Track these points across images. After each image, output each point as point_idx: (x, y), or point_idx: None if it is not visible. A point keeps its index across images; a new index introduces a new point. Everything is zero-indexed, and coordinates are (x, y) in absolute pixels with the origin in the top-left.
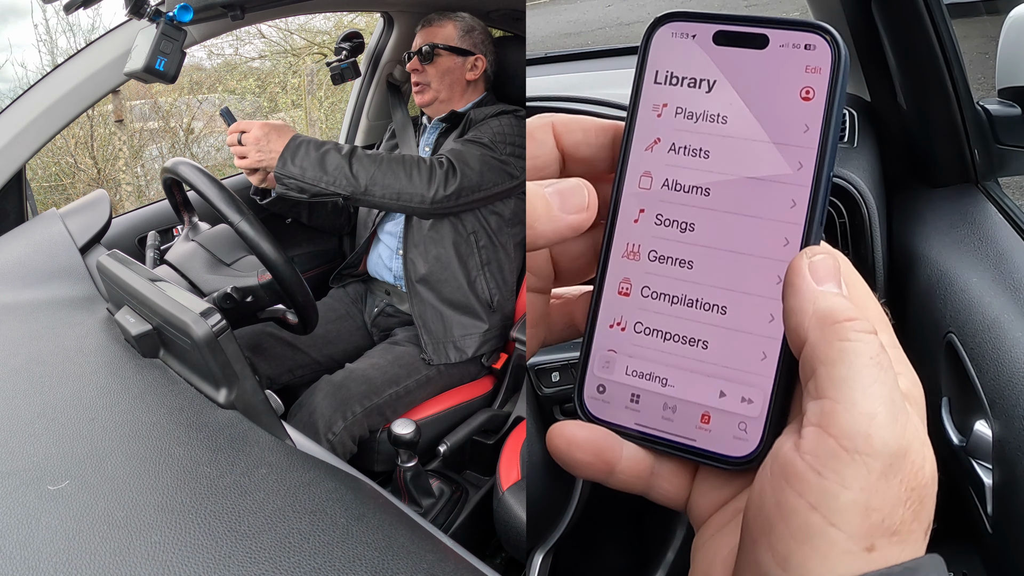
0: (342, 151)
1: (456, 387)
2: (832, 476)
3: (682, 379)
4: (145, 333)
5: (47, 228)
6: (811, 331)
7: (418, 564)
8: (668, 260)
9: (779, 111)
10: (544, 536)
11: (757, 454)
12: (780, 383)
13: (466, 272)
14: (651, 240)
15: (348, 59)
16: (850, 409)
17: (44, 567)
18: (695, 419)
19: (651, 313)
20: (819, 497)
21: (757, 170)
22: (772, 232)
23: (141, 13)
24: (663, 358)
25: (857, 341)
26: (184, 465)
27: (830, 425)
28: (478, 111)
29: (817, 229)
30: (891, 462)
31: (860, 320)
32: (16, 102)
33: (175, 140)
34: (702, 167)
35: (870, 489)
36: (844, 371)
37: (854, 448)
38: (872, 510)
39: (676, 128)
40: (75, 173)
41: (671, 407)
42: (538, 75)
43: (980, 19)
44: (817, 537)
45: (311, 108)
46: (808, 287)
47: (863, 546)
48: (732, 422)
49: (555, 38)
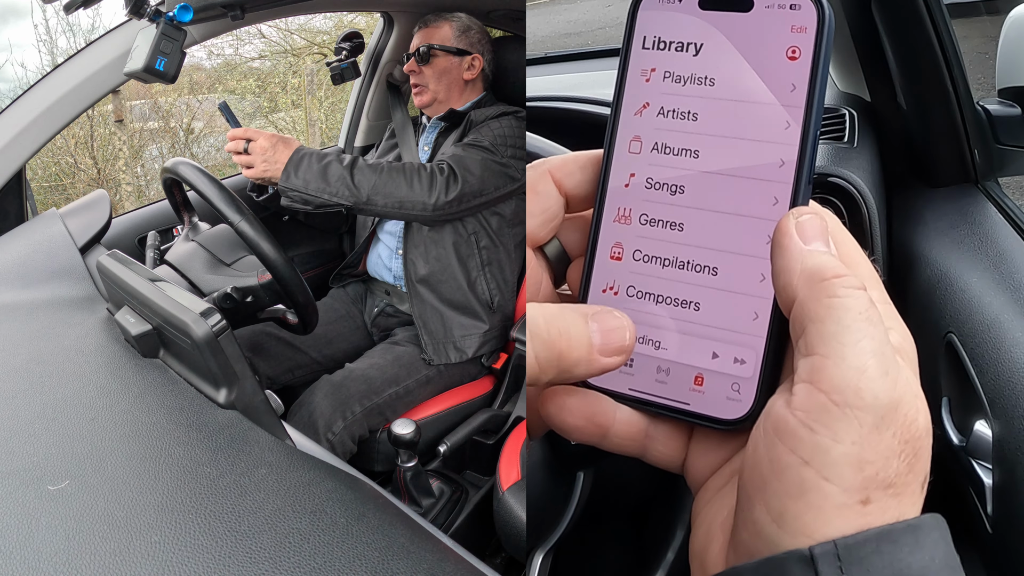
0: (343, 162)
1: (456, 387)
2: (824, 431)
3: (675, 342)
4: (145, 333)
5: (47, 228)
6: (800, 289)
7: (418, 564)
8: (659, 223)
9: (766, 72)
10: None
11: (751, 414)
12: (772, 343)
13: (466, 272)
14: (642, 204)
15: (348, 59)
16: (839, 364)
17: (44, 567)
18: (688, 381)
19: (643, 276)
20: (811, 452)
21: (745, 131)
22: (761, 192)
23: (141, 13)
24: (656, 321)
25: (845, 297)
26: (184, 465)
27: (820, 380)
28: (478, 112)
29: (805, 189)
30: (883, 415)
31: (848, 276)
32: (16, 102)
33: (175, 140)
34: (691, 129)
35: (862, 442)
36: (833, 327)
37: (845, 402)
38: (865, 463)
39: (664, 92)
40: (75, 173)
41: (664, 370)
42: (538, 75)
43: (980, 19)
44: (811, 492)
45: (311, 108)
46: (795, 246)
47: (858, 499)
48: (725, 383)
49: (555, 38)
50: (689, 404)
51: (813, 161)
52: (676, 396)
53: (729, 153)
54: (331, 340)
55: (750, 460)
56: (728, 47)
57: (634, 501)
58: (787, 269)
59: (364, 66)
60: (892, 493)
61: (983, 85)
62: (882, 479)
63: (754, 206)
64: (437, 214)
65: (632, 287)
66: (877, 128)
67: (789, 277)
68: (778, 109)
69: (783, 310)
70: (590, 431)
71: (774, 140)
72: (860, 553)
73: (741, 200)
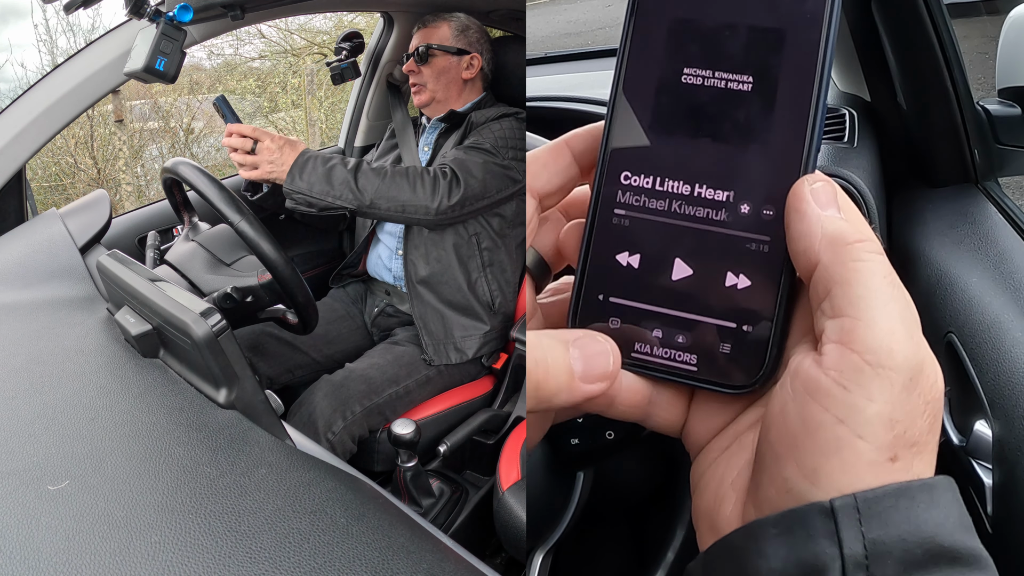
0: (347, 165)
1: (456, 387)
2: (858, 390)
3: (681, 307)
4: (145, 333)
5: (47, 228)
6: (823, 253)
7: (418, 564)
8: (665, 183)
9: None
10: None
11: (761, 378)
12: (782, 307)
13: (467, 274)
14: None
15: (348, 59)
16: (871, 326)
17: (44, 567)
18: (696, 347)
19: (648, 239)
20: (846, 411)
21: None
22: (771, 157)
23: (141, 13)
24: (662, 287)
25: (870, 261)
26: (184, 465)
27: (852, 341)
28: (479, 113)
29: (815, 156)
30: (911, 376)
31: (869, 241)
32: (16, 102)
33: (175, 140)
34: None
35: (894, 402)
36: (860, 290)
37: (878, 363)
38: (895, 422)
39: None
40: (75, 173)
41: (671, 335)
42: (538, 75)
43: (980, 19)
44: (845, 449)
45: (311, 108)
46: (814, 212)
47: (887, 456)
48: (734, 348)
49: (555, 38)
50: (697, 369)
51: (821, 130)
52: (684, 361)
53: (738, 117)
54: (331, 340)
55: (777, 419)
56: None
57: (634, 501)
58: (807, 233)
59: (364, 66)
60: (915, 451)
61: (983, 85)
62: (908, 437)
63: (760, 171)
64: (440, 218)
65: (638, 251)
66: (877, 128)
67: (811, 241)
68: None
69: (802, 274)
70: (599, 401)
71: (783, 107)
72: (879, 507)
73: (749, 165)
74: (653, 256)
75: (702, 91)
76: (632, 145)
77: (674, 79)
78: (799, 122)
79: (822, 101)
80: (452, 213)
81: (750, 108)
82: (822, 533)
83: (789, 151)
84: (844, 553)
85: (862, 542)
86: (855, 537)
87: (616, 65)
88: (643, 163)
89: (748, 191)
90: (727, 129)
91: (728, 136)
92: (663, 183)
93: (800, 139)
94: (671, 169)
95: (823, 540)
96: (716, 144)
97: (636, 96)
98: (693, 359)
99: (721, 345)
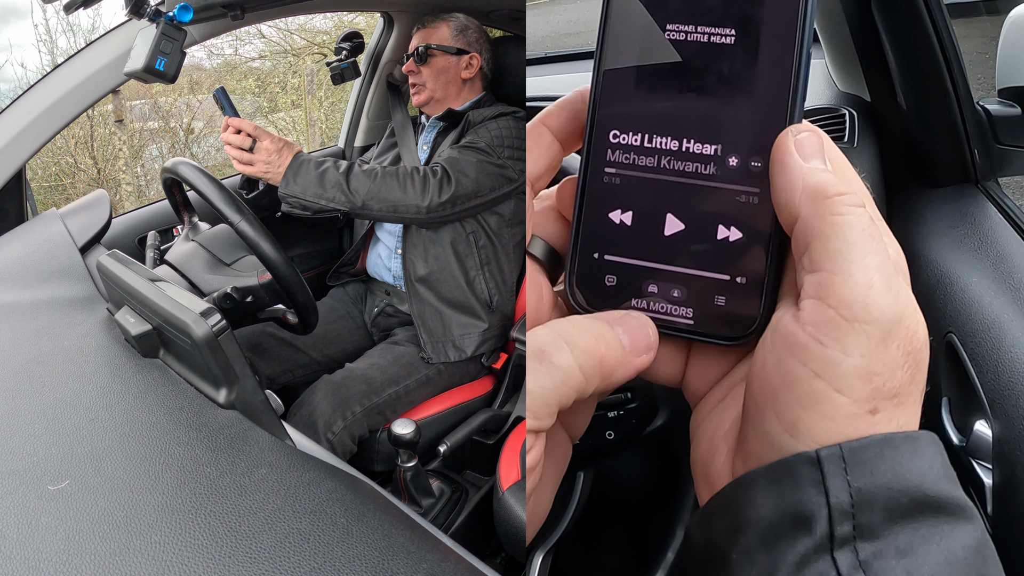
0: (340, 168)
1: (456, 387)
2: (834, 344)
3: (676, 262)
4: (145, 333)
5: (47, 228)
6: (803, 207)
7: (418, 564)
8: (655, 140)
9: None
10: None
11: (754, 331)
12: (773, 259)
13: (465, 272)
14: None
15: (348, 59)
16: (847, 280)
17: (44, 567)
18: (692, 300)
19: (644, 197)
20: (822, 365)
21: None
22: (756, 109)
23: (141, 13)
24: (658, 242)
25: (848, 215)
26: (184, 465)
27: (829, 296)
28: (477, 113)
29: (800, 107)
30: (889, 328)
31: (850, 194)
32: (16, 102)
33: (175, 140)
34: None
35: (871, 355)
36: (838, 244)
37: (853, 317)
38: (873, 375)
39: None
40: (75, 173)
41: (667, 289)
42: (538, 75)
43: (980, 19)
44: (823, 403)
45: (311, 108)
46: (796, 164)
47: (866, 409)
48: (728, 300)
49: (555, 38)
50: (693, 322)
51: (807, 79)
52: (680, 315)
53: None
54: (331, 340)
55: (759, 373)
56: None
57: (634, 501)
58: (789, 186)
59: (364, 66)
60: (897, 403)
61: (983, 85)
62: (888, 389)
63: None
64: (431, 216)
65: (630, 208)
66: (877, 128)
67: (791, 195)
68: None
69: (784, 227)
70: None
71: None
72: (863, 456)
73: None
74: (645, 212)
75: (685, 46)
76: (619, 103)
77: (657, 35)
78: (783, 73)
79: (805, 51)
80: (443, 211)
81: (734, 61)
82: (809, 482)
83: (775, 102)
84: (831, 502)
85: (848, 491)
86: (841, 486)
87: (599, 25)
88: (631, 121)
89: (735, 144)
90: (712, 83)
91: (713, 90)
92: (651, 139)
93: (785, 90)
94: (658, 125)
95: (810, 489)
96: (702, 98)
97: (620, 55)
98: (689, 312)
99: (716, 298)
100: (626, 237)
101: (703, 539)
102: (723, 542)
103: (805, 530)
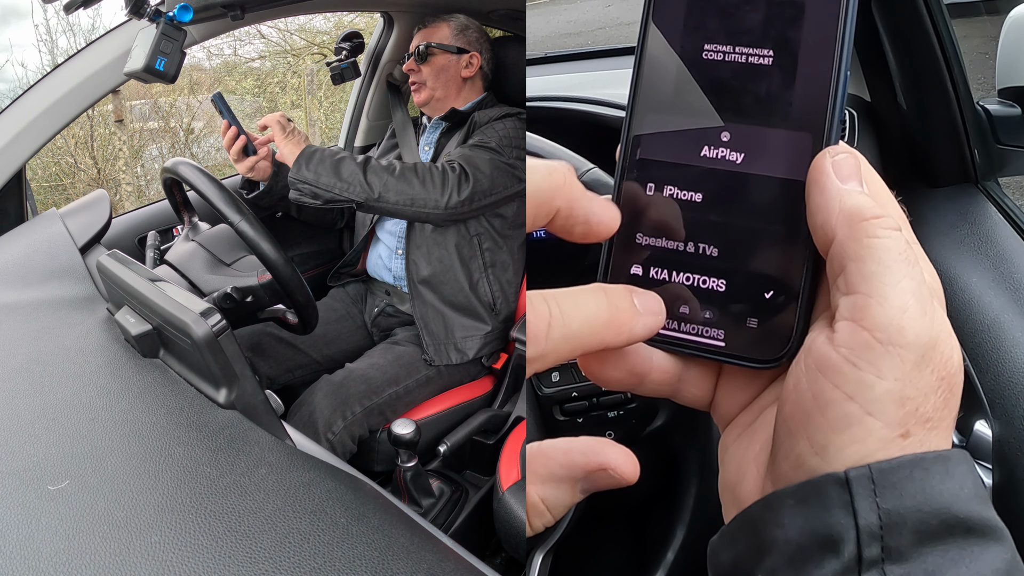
0: (356, 160)
1: (456, 387)
2: (868, 367)
3: (709, 283)
4: (145, 333)
5: (47, 228)
6: (839, 229)
7: (418, 564)
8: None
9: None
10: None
11: (786, 353)
12: (808, 282)
13: (468, 274)
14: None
15: (348, 59)
16: (882, 303)
17: (44, 567)
18: (724, 322)
19: (672, 221)
20: (855, 388)
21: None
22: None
23: (141, 13)
24: (690, 264)
25: (885, 238)
26: (184, 465)
27: (863, 319)
28: (482, 113)
29: (837, 128)
30: (923, 353)
31: (886, 217)
32: (16, 102)
33: (175, 140)
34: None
35: (904, 379)
36: (874, 267)
37: (888, 340)
38: (906, 399)
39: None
40: (75, 173)
41: (699, 312)
42: (538, 75)
43: (980, 19)
44: (855, 426)
45: (311, 108)
46: (833, 185)
47: (898, 433)
48: (761, 323)
49: (555, 38)
50: (725, 344)
51: (844, 102)
52: (711, 336)
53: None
54: (331, 340)
55: (791, 395)
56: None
57: (634, 501)
58: (825, 208)
59: (364, 66)
60: (929, 427)
61: (983, 85)
62: (921, 414)
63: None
64: (449, 213)
65: (662, 232)
66: (877, 128)
67: (828, 216)
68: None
69: (819, 248)
70: (630, 381)
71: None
72: (893, 478)
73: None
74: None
75: (723, 67)
76: (655, 122)
77: (695, 55)
78: (821, 94)
79: (843, 72)
80: (462, 208)
81: (771, 82)
82: (837, 503)
83: (812, 123)
84: (859, 524)
85: (876, 512)
86: (870, 508)
87: (637, 43)
88: (666, 141)
89: (771, 165)
90: (749, 103)
91: (750, 111)
92: (686, 156)
93: (822, 111)
94: (694, 144)
95: (838, 511)
96: (739, 117)
97: (657, 74)
98: (721, 334)
99: (748, 320)
100: (659, 257)
101: (728, 558)
102: (748, 562)
103: (833, 552)
